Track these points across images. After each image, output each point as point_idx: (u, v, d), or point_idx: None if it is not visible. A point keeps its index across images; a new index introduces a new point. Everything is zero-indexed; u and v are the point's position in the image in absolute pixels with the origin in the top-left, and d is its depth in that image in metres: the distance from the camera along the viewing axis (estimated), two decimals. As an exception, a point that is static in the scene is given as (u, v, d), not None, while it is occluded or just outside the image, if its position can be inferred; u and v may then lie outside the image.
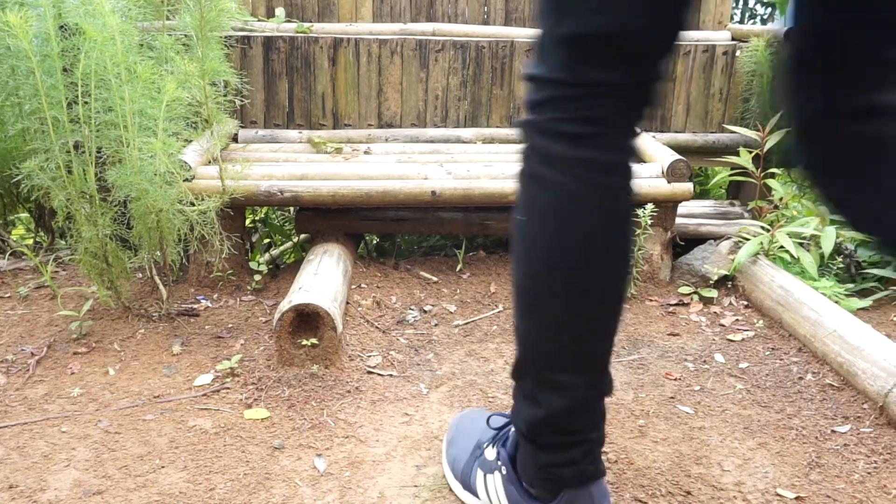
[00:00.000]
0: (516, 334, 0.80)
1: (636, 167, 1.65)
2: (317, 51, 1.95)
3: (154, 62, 1.45)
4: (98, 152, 1.41)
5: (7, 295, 1.60)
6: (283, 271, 1.70)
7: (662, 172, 1.65)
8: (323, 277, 1.38)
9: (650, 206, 1.58)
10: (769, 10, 7.48)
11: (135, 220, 1.43)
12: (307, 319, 1.23)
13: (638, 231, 1.57)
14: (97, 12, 1.32)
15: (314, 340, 1.24)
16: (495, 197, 1.61)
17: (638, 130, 0.72)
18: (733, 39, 2.30)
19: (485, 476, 0.91)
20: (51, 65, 1.34)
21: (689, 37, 2.31)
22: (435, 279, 1.68)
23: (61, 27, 1.36)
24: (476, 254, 1.78)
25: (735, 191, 2.12)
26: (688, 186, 1.64)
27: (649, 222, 1.59)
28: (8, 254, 1.79)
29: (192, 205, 1.43)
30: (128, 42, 1.34)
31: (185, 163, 1.57)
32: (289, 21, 2.26)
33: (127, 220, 1.44)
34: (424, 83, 1.98)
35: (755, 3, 7.54)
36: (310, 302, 1.23)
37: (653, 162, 1.71)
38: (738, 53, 1.97)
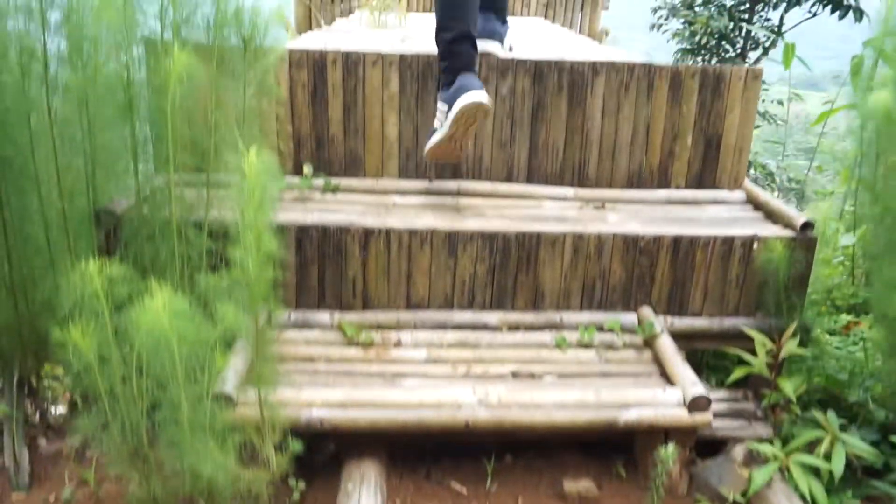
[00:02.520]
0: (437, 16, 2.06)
1: (659, 392, 1.75)
2: (348, 240, 2.00)
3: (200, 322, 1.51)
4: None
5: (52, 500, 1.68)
6: (316, 488, 1.78)
7: (683, 401, 1.74)
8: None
9: (672, 444, 1.67)
10: (771, 37, 7.43)
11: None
12: None
13: (660, 450, 1.66)
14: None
15: None
16: (524, 427, 1.70)
17: None
18: (748, 201, 2.36)
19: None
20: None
21: (702, 195, 2.36)
22: (465, 492, 1.78)
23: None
24: (503, 461, 1.87)
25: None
26: (707, 417, 1.74)
27: (671, 449, 1.68)
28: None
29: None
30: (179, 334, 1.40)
31: (229, 396, 1.64)
32: (316, 177, 2.30)
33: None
34: (452, 270, 2.04)
35: (758, 29, 7.49)
36: None
37: (674, 386, 1.80)
38: (755, 246, 2.04)
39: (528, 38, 3.43)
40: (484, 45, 2.27)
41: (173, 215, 1.63)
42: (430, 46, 2.74)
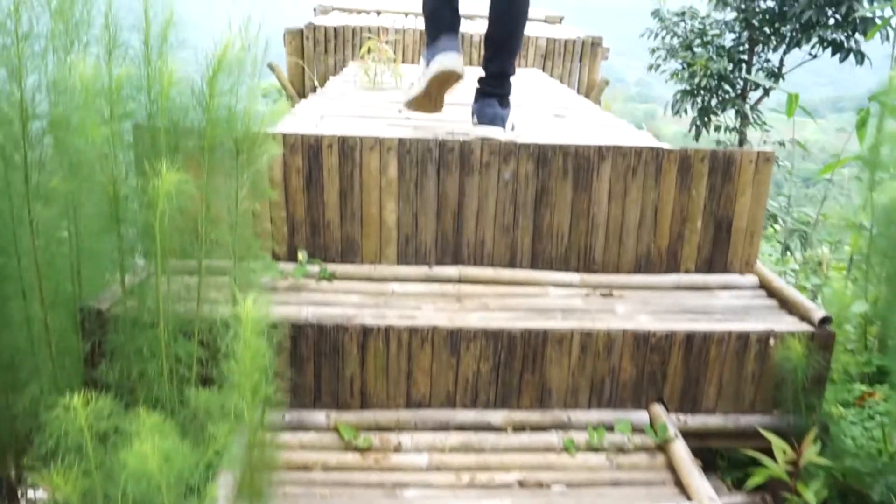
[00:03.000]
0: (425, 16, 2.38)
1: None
2: (346, 339, 1.91)
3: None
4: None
5: None
6: None
7: (701, 520, 1.65)
8: None
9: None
10: (771, 79, 7.42)
11: None
12: None
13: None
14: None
15: None
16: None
17: None
18: (761, 286, 2.28)
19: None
20: None
21: (713, 280, 2.29)
22: None
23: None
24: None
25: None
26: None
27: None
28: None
29: None
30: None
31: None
32: (311, 263, 2.21)
33: None
34: (455, 368, 1.95)
35: (757, 71, 7.49)
36: None
37: (690, 502, 1.70)
38: (771, 342, 1.95)
39: (521, 94, 3.37)
40: (485, 131, 2.31)
41: (162, 331, 1.55)
42: (429, 121, 2.69)
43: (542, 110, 3.23)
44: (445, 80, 2.33)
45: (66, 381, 1.64)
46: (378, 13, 5.83)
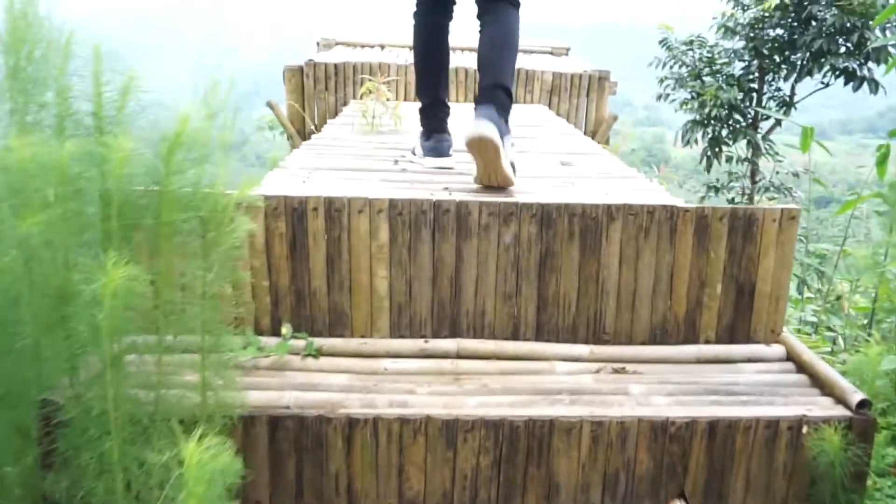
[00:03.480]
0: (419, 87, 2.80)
1: None
2: (330, 432, 1.72)
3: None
4: None
5: None
6: None
7: None
8: None
9: None
10: (783, 109, 7.25)
11: None
12: None
13: None
14: None
15: None
16: None
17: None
18: (788, 358, 2.08)
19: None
20: None
21: (736, 352, 2.08)
22: None
23: None
24: None
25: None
26: None
27: None
28: None
29: None
30: None
31: None
32: (296, 337, 2.03)
33: None
34: (451, 462, 1.75)
35: (768, 100, 7.32)
36: None
37: None
38: (804, 430, 1.74)
39: (526, 135, 3.20)
40: (478, 126, 2.23)
41: (114, 442, 1.36)
42: (426, 173, 2.51)
43: (548, 157, 3.05)
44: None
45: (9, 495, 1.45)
46: (382, 47, 5.70)
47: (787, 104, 7.39)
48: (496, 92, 2.33)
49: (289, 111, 4.86)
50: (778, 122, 7.34)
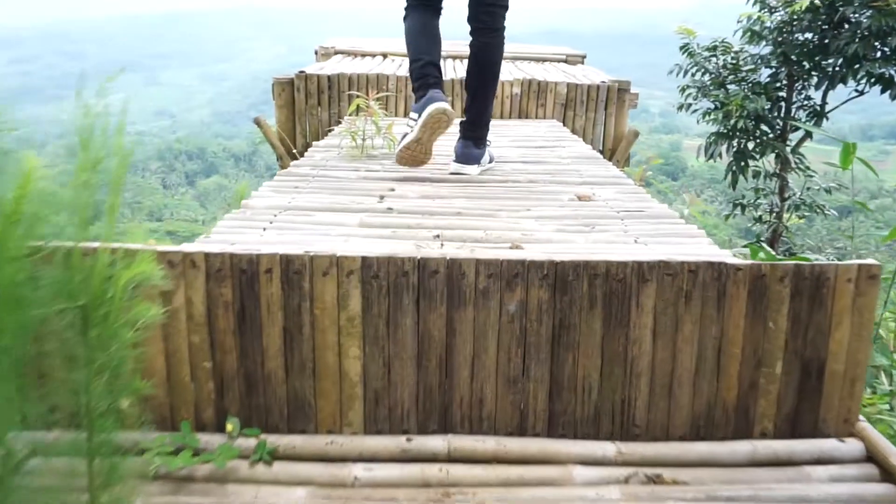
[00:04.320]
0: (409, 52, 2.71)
1: None
2: (274, 580, 1.29)
3: None
4: None
5: None
6: None
7: None
8: None
9: None
10: (813, 119, 6.76)
11: None
12: None
13: None
14: None
15: None
16: None
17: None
18: (868, 458, 1.64)
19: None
20: None
21: (801, 449, 1.64)
22: None
23: None
24: None
25: None
26: None
27: None
28: None
29: None
30: None
31: None
32: (245, 434, 1.61)
33: None
34: None
35: (797, 109, 6.84)
36: None
37: None
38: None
39: (535, 158, 2.77)
40: (458, 168, 2.74)
41: None
42: (416, 216, 2.09)
43: (561, 187, 2.62)
44: (437, 121, 2.52)
45: None
46: (384, 56, 5.31)
47: (818, 114, 6.89)
48: (477, 127, 2.79)
49: (279, 127, 4.46)
50: (808, 134, 6.84)
